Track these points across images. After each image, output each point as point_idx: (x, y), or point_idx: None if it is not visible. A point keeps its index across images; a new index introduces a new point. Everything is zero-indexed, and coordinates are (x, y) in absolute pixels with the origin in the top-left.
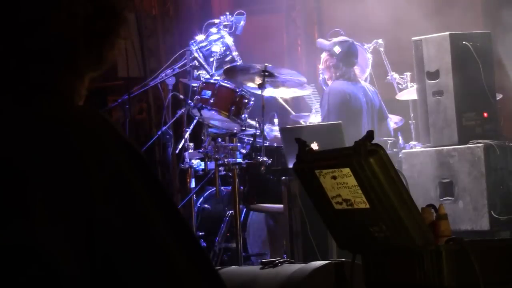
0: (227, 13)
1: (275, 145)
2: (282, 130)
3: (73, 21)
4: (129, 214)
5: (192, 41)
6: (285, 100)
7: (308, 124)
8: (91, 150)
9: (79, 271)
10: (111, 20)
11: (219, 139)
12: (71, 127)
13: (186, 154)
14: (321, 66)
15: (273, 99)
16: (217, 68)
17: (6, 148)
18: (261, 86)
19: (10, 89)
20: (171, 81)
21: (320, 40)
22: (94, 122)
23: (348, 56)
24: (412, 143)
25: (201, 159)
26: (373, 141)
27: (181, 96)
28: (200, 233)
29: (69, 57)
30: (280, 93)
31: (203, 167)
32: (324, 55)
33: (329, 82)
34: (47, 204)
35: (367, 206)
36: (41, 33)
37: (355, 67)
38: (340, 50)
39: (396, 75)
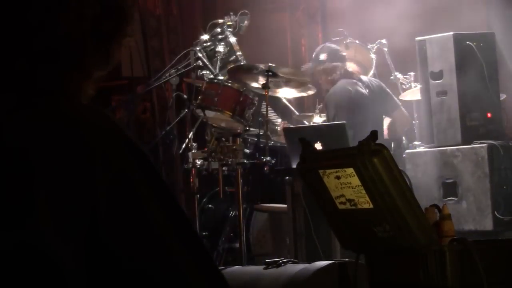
0: (231, 13)
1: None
2: (285, 130)
3: (81, 22)
4: (134, 214)
5: (196, 41)
6: (289, 100)
7: (311, 124)
8: (97, 149)
9: (83, 270)
10: (119, 20)
11: (223, 139)
12: (78, 126)
13: (190, 154)
14: (321, 82)
15: (276, 99)
16: (221, 68)
17: (13, 149)
18: (265, 86)
19: (18, 90)
20: (175, 81)
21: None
22: (100, 122)
23: (334, 54)
24: (416, 143)
25: (205, 159)
26: (377, 141)
27: (185, 96)
28: (204, 233)
29: (76, 57)
30: (284, 93)
31: (207, 167)
32: (316, 70)
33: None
34: (52, 203)
35: (371, 206)
36: (49, 33)
37: (353, 64)
38: (324, 54)
39: (399, 75)
